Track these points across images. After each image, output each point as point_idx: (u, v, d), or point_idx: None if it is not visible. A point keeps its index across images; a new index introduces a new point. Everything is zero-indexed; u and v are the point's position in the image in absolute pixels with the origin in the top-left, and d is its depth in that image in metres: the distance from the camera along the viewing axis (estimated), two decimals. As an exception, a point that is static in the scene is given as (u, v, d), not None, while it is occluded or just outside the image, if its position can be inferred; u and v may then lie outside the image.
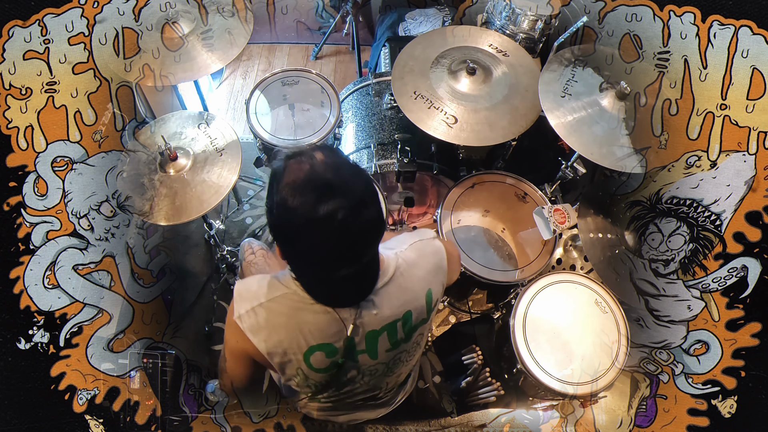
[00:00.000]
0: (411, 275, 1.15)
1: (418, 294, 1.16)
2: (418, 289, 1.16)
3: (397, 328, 1.16)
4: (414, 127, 1.93)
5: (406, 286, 1.14)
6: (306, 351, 1.12)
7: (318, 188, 0.95)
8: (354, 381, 1.24)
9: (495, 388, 1.86)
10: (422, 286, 1.17)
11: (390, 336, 1.16)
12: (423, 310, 1.18)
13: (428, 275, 1.19)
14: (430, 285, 1.18)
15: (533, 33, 2.17)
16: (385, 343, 1.17)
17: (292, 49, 3.59)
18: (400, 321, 1.15)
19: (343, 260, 1.01)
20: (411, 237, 1.24)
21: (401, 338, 1.18)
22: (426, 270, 1.19)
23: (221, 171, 1.95)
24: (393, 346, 1.18)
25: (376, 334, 1.14)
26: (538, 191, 2.07)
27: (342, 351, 1.13)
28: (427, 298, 1.18)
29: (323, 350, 1.12)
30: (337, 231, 0.96)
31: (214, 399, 1.87)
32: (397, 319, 1.14)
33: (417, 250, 1.20)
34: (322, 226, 0.95)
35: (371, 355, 1.17)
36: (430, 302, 1.19)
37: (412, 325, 1.18)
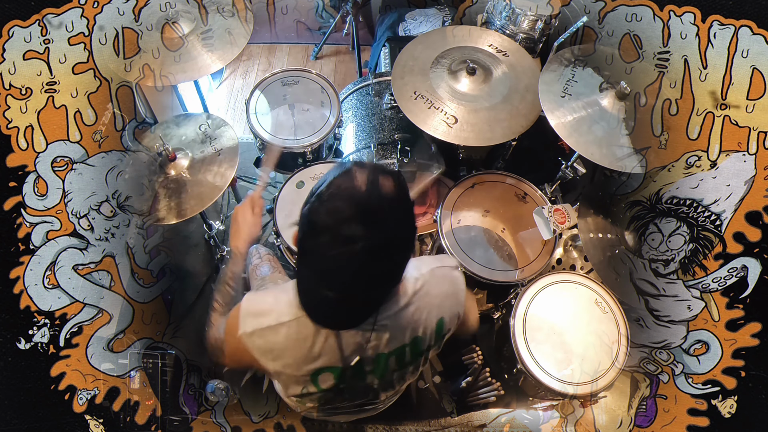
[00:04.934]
0: (427, 302, 1.14)
1: (431, 321, 1.15)
2: (431, 315, 1.15)
3: (406, 352, 1.15)
4: (414, 127, 1.93)
5: (420, 311, 1.13)
6: (314, 372, 1.12)
7: (353, 207, 0.91)
8: (356, 396, 1.25)
9: (495, 388, 1.86)
10: (436, 314, 1.15)
11: (398, 359, 1.16)
12: (432, 337, 1.17)
13: (443, 303, 1.17)
14: (443, 313, 1.17)
15: (533, 33, 2.17)
16: (393, 364, 1.17)
17: (292, 49, 3.59)
18: (408, 346, 1.14)
19: (341, 284, 0.97)
20: (432, 261, 1.22)
21: (408, 361, 1.18)
22: (441, 298, 1.17)
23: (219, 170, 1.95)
24: (399, 367, 1.19)
25: (386, 357, 1.14)
26: (538, 191, 2.07)
27: (351, 371, 1.13)
28: (437, 326, 1.16)
29: (332, 372, 1.12)
30: (347, 255, 0.92)
31: (214, 399, 1.87)
32: (406, 344, 1.14)
33: (436, 277, 1.18)
34: (337, 242, 0.92)
35: (378, 375, 1.17)
36: (440, 330, 1.17)
37: (421, 350, 1.18)
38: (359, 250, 0.91)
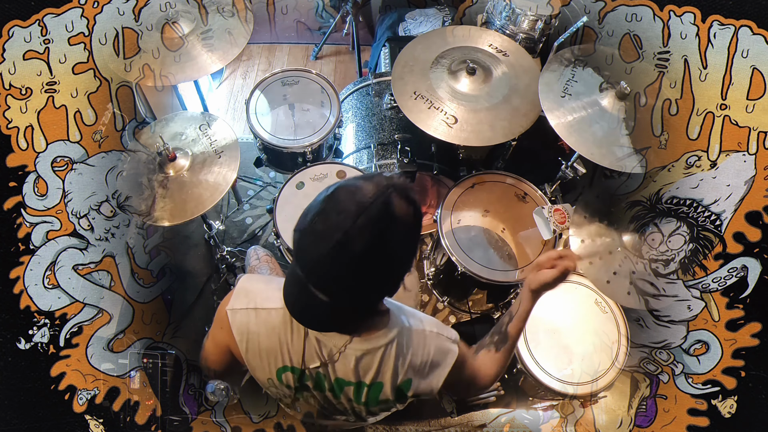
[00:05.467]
0: (402, 356, 1.11)
1: (396, 377, 1.11)
2: (398, 372, 1.11)
3: (363, 391, 1.14)
4: (414, 127, 1.93)
5: (390, 362, 1.09)
6: (280, 368, 1.13)
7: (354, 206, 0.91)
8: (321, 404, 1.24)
9: (495, 388, 1.86)
10: (405, 374, 1.12)
11: (355, 393, 1.14)
12: (391, 393, 1.13)
13: (419, 368, 1.13)
14: (415, 377, 1.13)
15: (533, 33, 2.17)
16: (349, 395, 1.15)
17: (292, 49, 3.59)
18: (367, 387, 1.12)
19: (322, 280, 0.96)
20: (435, 325, 1.18)
21: (363, 402, 1.16)
22: (420, 362, 1.13)
23: (220, 170, 1.95)
24: (355, 401, 1.17)
25: (343, 384, 1.13)
26: (538, 191, 2.07)
27: (312, 381, 1.13)
28: (403, 385, 1.13)
29: (295, 373, 1.13)
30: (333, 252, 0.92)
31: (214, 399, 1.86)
32: (365, 383, 1.12)
33: (426, 339, 1.14)
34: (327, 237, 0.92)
35: (334, 396, 1.17)
36: (403, 391, 1.13)
37: (377, 399, 1.15)
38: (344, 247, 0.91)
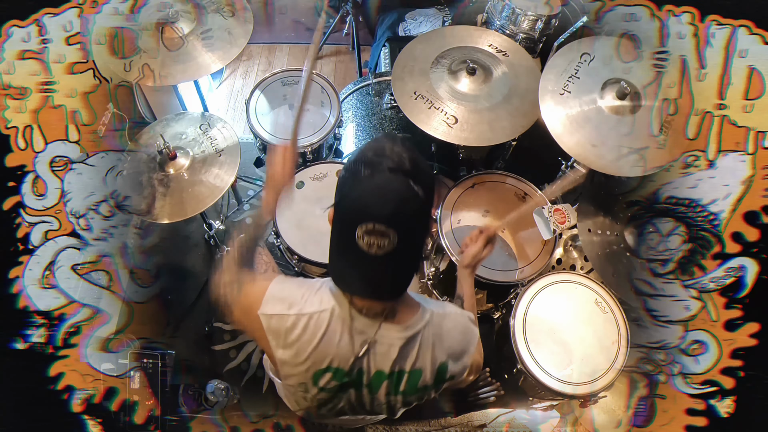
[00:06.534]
0: (438, 339, 1.15)
1: (435, 361, 1.16)
2: (436, 356, 1.16)
3: (402, 380, 1.16)
4: (414, 127, 1.93)
5: (429, 347, 1.14)
6: (320, 369, 1.12)
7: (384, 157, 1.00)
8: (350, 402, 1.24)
9: (495, 388, 1.86)
10: (441, 357, 1.16)
11: (395, 384, 1.16)
12: (433, 377, 1.17)
13: (452, 350, 1.18)
14: (449, 360, 1.17)
15: (533, 33, 2.18)
16: (387, 387, 1.17)
17: (292, 49, 3.59)
18: (407, 374, 1.15)
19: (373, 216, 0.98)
20: (450, 306, 1.25)
21: (402, 390, 1.18)
22: (451, 344, 1.18)
23: (219, 171, 1.95)
24: (393, 392, 1.18)
25: (383, 377, 1.14)
26: (538, 191, 2.07)
27: (351, 378, 1.14)
28: (440, 368, 1.17)
29: (337, 374, 1.13)
30: (383, 182, 0.99)
31: (213, 399, 1.87)
32: (405, 371, 1.14)
33: (453, 321, 1.20)
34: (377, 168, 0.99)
35: (370, 391, 1.17)
36: (442, 374, 1.18)
37: (416, 385, 1.17)
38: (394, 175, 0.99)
